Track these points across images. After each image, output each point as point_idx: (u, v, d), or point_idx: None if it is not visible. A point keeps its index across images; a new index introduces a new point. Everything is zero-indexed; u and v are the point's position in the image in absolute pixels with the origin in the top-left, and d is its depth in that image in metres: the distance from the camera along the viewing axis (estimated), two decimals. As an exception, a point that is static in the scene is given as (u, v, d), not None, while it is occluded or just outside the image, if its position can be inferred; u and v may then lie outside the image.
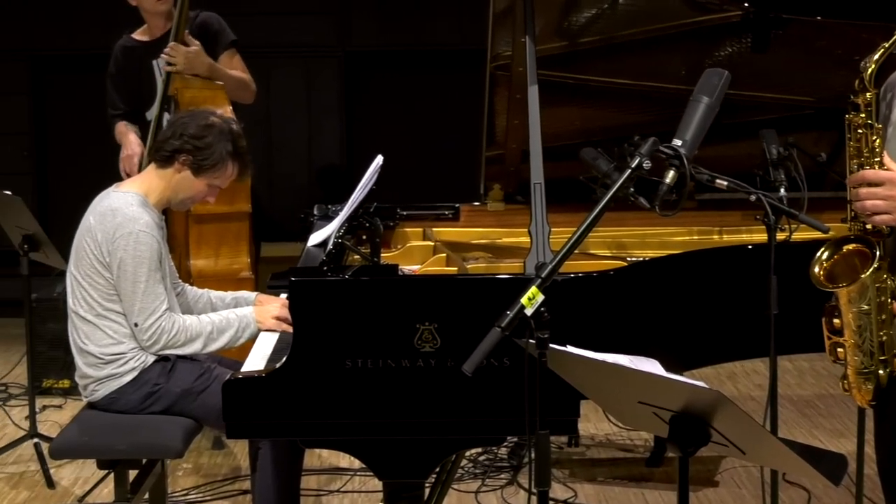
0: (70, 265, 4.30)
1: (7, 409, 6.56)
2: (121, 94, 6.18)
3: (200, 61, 5.80)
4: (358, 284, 3.61)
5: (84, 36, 8.68)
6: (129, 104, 6.17)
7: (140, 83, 6.07)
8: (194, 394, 4.17)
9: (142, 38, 6.14)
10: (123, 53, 6.17)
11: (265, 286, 4.79)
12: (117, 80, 6.20)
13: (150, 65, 6.01)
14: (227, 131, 4.29)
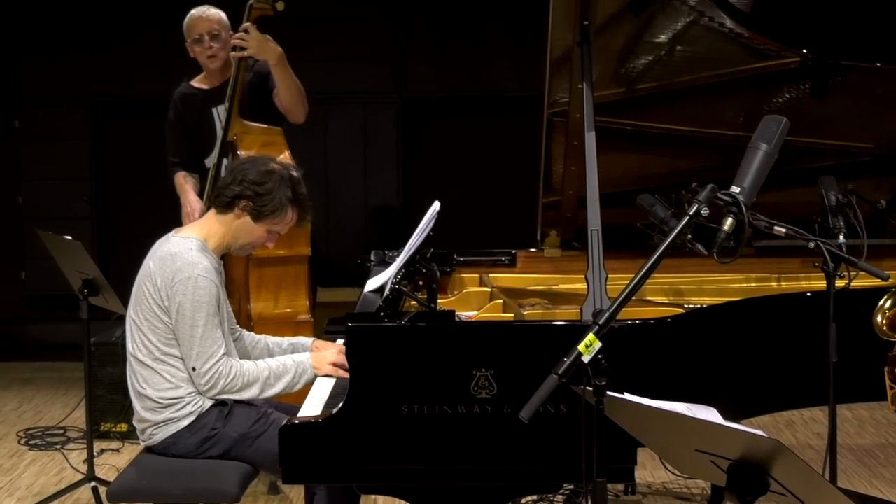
0: (129, 309, 4.33)
1: (65, 453, 6.60)
2: (180, 141, 6.22)
3: (271, 48, 5.82)
4: (415, 330, 3.61)
5: (143, 83, 8.77)
6: (188, 151, 6.20)
7: (200, 130, 6.11)
8: (251, 438, 4.17)
9: (201, 85, 6.19)
10: (183, 101, 6.22)
11: (321, 332, 4.80)
12: (176, 128, 6.24)
13: (209, 112, 6.05)
14: (286, 177, 4.31)
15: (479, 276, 5.04)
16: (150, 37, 8.73)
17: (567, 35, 4.41)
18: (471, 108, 8.96)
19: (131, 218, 8.95)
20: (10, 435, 7.03)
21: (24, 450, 6.75)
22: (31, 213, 8.96)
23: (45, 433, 7.01)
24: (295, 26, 8.35)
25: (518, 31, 8.57)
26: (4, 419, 7.43)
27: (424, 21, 8.78)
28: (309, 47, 8.63)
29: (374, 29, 8.77)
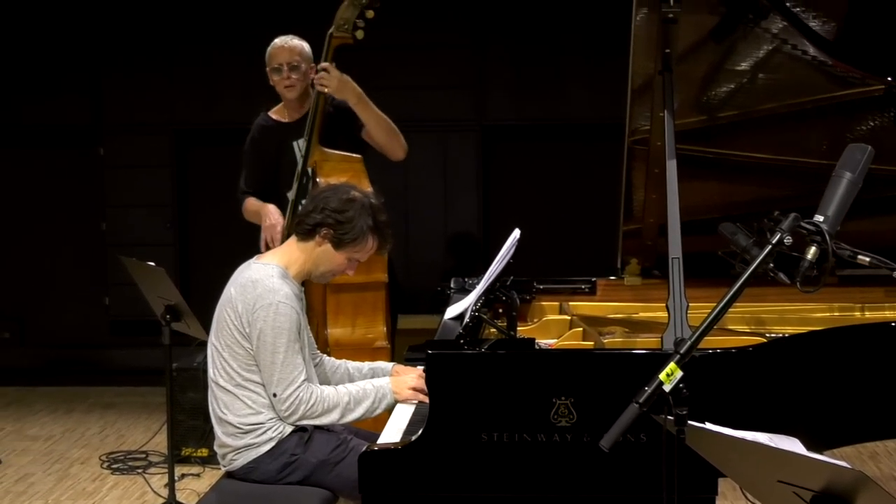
0: (211, 335, 4.37)
1: (147, 477, 6.65)
2: (255, 171, 6.25)
3: (351, 88, 5.86)
4: (494, 358, 3.61)
5: (225, 110, 8.86)
6: (262, 183, 6.22)
7: (278, 163, 6.13)
8: (331, 465, 4.18)
9: (279, 117, 6.20)
10: (261, 132, 6.25)
11: (401, 358, 4.81)
12: (252, 159, 6.27)
13: (289, 145, 6.07)
14: (367, 205, 4.33)
15: (558, 304, 5.03)
16: (232, 65, 8.82)
17: (648, 63, 4.41)
18: (550, 135, 8.96)
19: (213, 244, 9.02)
20: (93, 458, 7.11)
21: (107, 473, 6.82)
22: (115, 239, 9.07)
23: (127, 457, 7.08)
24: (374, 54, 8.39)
25: (597, 59, 8.56)
26: (87, 443, 7.52)
27: (504, 49, 8.79)
28: (389, 75, 8.68)
29: (454, 56, 8.80)
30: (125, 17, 9.02)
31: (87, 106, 9.12)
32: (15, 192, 9.40)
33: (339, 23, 5.83)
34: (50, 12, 9.08)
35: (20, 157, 9.41)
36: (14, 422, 8.13)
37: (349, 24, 5.81)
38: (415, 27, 8.78)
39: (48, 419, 8.21)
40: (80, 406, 8.58)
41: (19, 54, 9.14)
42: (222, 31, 8.92)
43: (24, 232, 9.41)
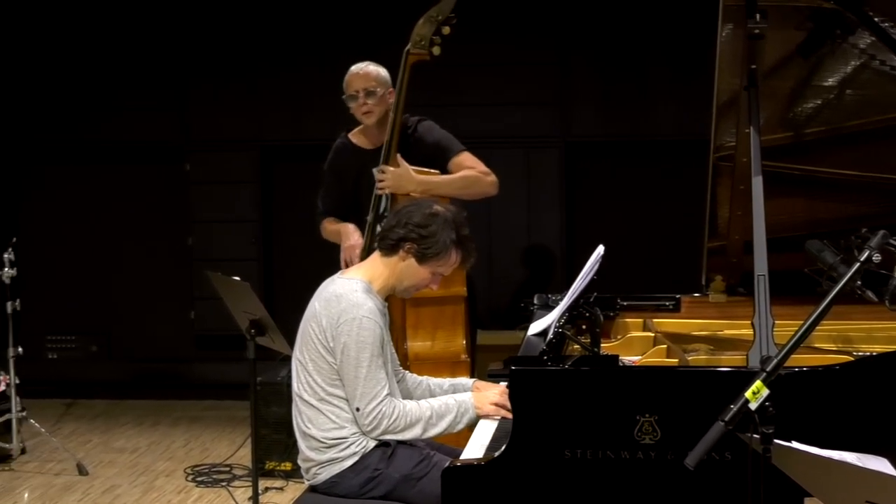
0: (295, 350, 4.39)
1: (231, 490, 6.71)
2: (333, 192, 6.25)
3: (409, 179, 5.84)
4: (578, 374, 3.60)
5: (311, 126, 8.90)
6: (339, 204, 6.23)
7: (357, 188, 6.12)
8: (413, 480, 4.19)
9: (359, 143, 6.18)
10: (339, 155, 6.25)
11: (481, 373, 4.81)
12: (331, 180, 6.28)
13: (369, 172, 6.04)
14: (450, 220, 4.34)
15: (642, 321, 5.00)
16: (318, 81, 8.86)
17: (734, 79, 4.39)
18: (634, 152, 8.92)
19: (298, 259, 9.07)
20: (178, 471, 7.17)
21: (192, 486, 6.88)
22: (201, 254, 9.14)
23: (211, 470, 7.14)
24: (459, 70, 8.43)
25: (682, 74, 8.51)
26: (172, 456, 7.59)
27: (588, 65, 8.77)
28: (472, 91, 8.70)
29: (538, 73, 8.79)
30: (212, 34, 9.11)
31: (174, 122, 9.22)
32: (103, 207, 9.52)
33: (415, 39, 5.85)
34: (138, 31, 9.19)
35: (109, 172, 9.52)
36: (101, 434, 8.23)
37: (426, 40, 5.83)
38: (499, 43, 8.78)
39: (134, 432, 8.30)
40: (165, 419, 8.67)
41: (108, 72, 9.26)
42: (308, 48, 8.97)
43: (112, 247, 9.52)
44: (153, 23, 9.18)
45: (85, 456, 7.48)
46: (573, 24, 8.72)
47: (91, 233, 9.53)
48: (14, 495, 6.76)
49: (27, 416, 7.33)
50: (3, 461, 7.35)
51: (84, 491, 6.82)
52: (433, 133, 6.10)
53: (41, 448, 7.66)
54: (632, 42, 8.67)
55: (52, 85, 9.35)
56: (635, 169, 8.93)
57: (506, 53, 8.79)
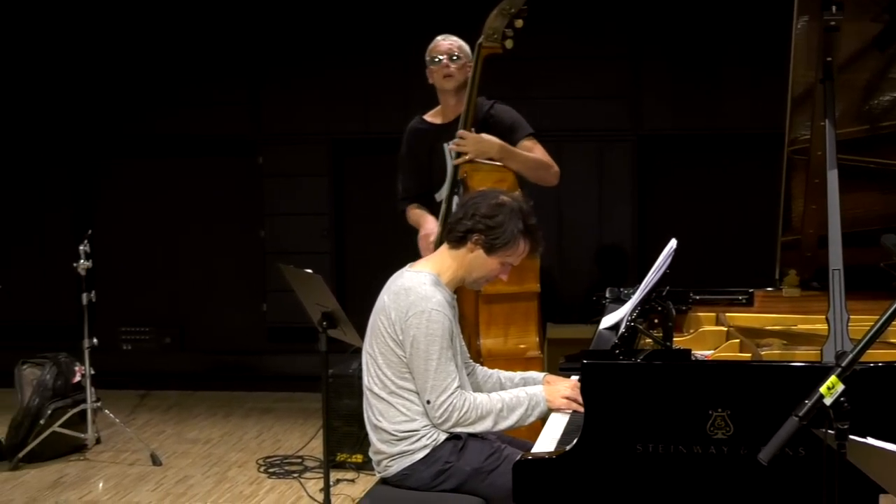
0: (365, 343, 4.41)
1: (302, 482, 6.74)
2: (410, 175, 6.29)
3: (490, 144, 5.88)
4: (650, 368, 3.58)
5: (381, 119, 8.93)
6: (418, 186, 6.26)
7: (430, 165, 6.17)
8: (484, 473, 4.19)
9: (433, 120, 6.25)
10: (415, 135, 6.29)
11: (553, 367, 4.80)
12: (407, 162, 6.31)
13: (440, 148, 6.11)
14: (517, 209, 4.34)
15: (715, 315, 4.97)
16: (388, 74, 8.89)
17: (808, 72, 4.34)
18: (707, 145, 8.86)
19: (369, 252, 9.10)
20: (250, 462, 7.23)
21: (264, 477, 6.93)
22: (273, 247, 9.20)
23: (283, 461, 7.18)
24: (530, 64, 8.42)
25: (756, 67, 8.45)
26: (245, 447, 7.65)
27: (660, 58, 8.72)
28: (544, 85, 8.68)
29: (610, 66, 8.75)
30: (284, 28, 9.16)
31: (247, 116, 9.28)
32: (177, 200, 9.60)
33: (487, 32, 5.86)
34: (212, 26, 9.26)
35: (183, 166, 9.61)
36: (175, 425, 8.31)
37: (498, 33, 5.83)
38: (571, 37, 8.76)
39: (207, 423, 8.37)
40: (238, 410, 8.74)
41: (183, 66, 9.34)
42: (378, 41, 9.00)
43: (186, 239, 9.61)
44: (227, 18, 9.24)
45: (158, 446, 7.56)
46: (645, 17, 8.68)
47: (165, 226, 9.62)
48: (89, 484, 6.85)
49: (102, 406, 7.41)
50: (79, 451, 7.44)
51: (157, 481, 6.89)
52: (510, 113, 6.14)
53: (115, 438, 7.75)
54: (704, 34, 8.61)
55: (127, 79, 9.44)
56: (708, 162, 8.87)
57: (578, 47, 8.77)
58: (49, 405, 7.25)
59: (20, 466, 7.14)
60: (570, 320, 8.04)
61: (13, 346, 8.79)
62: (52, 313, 9.58)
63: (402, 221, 6.33)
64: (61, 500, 6.53)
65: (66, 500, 6.53)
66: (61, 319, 9.29)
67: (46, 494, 6.66)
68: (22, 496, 6.62)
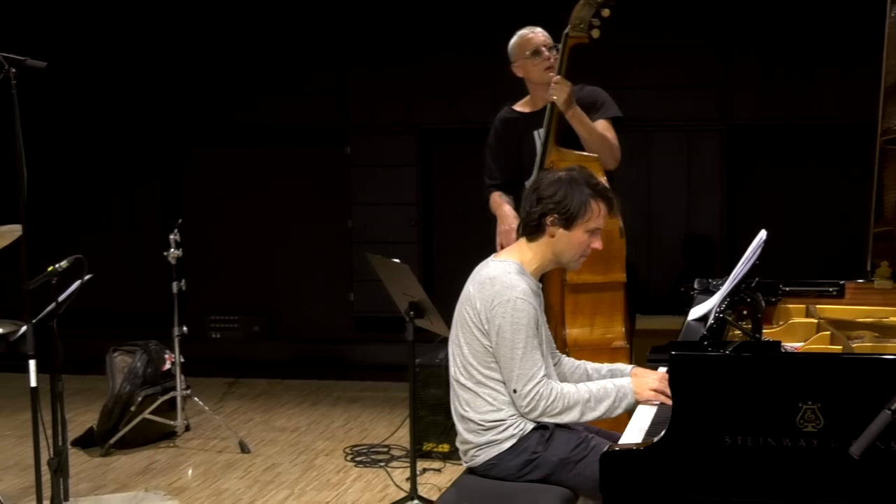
0: (452, 333, 4.41)
1: (389, 470, 6.77)
2: (499, 164, 6.30)
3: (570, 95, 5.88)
4: (739, 360, 3.55)
5: (468, 109, 8.93)
6: (505, 174, 6.27)
7: (519, 153, 6.17)
8: (571, 463, 4.18)
9: (523, 109, 6.25)
10: (504, 124, 6.30)
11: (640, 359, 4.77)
12: (496, 151, 6.32)
13: (530, 135, 6.11)
14: (576, 177, 4.32)
15: (805, 307, 4.92)
16: (475, 64, 8.89)
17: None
18: (797, 135, 8.75)
19: (456, 242, 9.11)
20: (338, 451, 7.27)
21: (350, 466, 6.96)
22: (361, 236, 9.24)
23: (370, 450, 7.22)
24: (617, 53, 8.37)
25: (847, 56, 8.33)
26: (332, 436, 7.69)
27: (750, 47, 8.64)
28: (632, 75, 8.63)
29: (699, 56, 8.68)
30: (371, 19, 9.19)
31: (336, 106, 9.32)
32: (265, 190, 9.67)
33: (574, 22, 5.84)
34: (300, 17, 9.31)
35: (271, 155, 9.68)
36: (263, 413, 8.38)
37: (585, 23, 5.81)
38: (659, 25, 8.71)
39: (295, 411, 8.43)
40: (325, 399, 8.79)
41: (272, 57, 9.41)
42: (465, 31, 9.00)
43: (274, 229, 9.68)
44: (316, 8, 9.29)
45: (247, 434, 7.62)
46: (734, 6, 8.59)
47: (253, 215, 9.70)
48: (178, 471, 6.92)
49: (191, 394, 7.49)
50: (169, 438, 7.53)
51: (245, 468, 6.96)
52: (599, 93, 6.18)
53: (204, 426, 7.83)
54: (795, 22, 8.51)
55: (216, 70, 9.53)
56: (798, 152, 8.77)
57: (666, 35, 8.71)
58: (139, 392, 7.34)
59: (111, 452, 7.24)
60: (658, 311, 7.98)
61: (105, 334, 8.92)
62: (142, 302, 9.69)
63: (489, 211, 6.33)
64: (151, 486, 6.61)
65: (155, 486, 6.61)
66: (152, 308, 9.40)
67: (137, 480, 6.74)
68: (113, 482, 6.72)
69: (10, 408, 8.28)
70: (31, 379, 5.12)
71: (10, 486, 6.61)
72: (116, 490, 6.57)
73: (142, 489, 6.57)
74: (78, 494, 6.37)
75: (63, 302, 5.61)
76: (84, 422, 7.74)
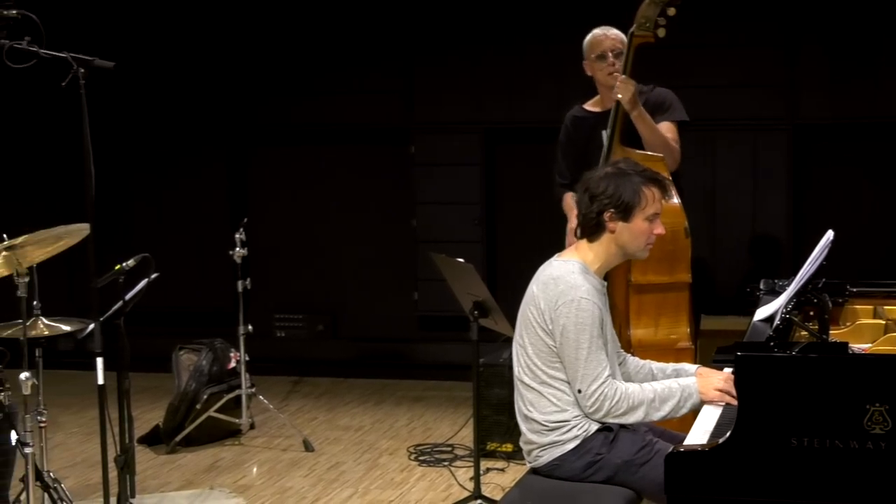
0: (515, 334, 4.41)
1: (452, 470, 6.77)
2: (568, 162, 6.29)
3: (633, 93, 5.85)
4: (806, 361, 3.52)
5: (534, 108, 8.91)
6: (575, 173, 6.26)
7: (588, 153, 6.16)
8: (636, 465, 4.17)
9: (593, 108, 6.25)
10: (574, 123, 6.29)
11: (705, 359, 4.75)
12: (566, 149, 6.32)
13: (598, 135, 6.10)
14: (623, 169, 4.33)
15: (872, 308, 4.86)
16: (540, 63, 8.87)
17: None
18: (865, 134, 8.66)
19: (520, 242, 9.09)
20: (401, 450, 7.28)
21: (414, 465, 6.97)
22: (425, 236, 9.24)
23: (433, 450, 7.22)
24: (681, 52, 8.32)
25: (917, 53, 8.25)
26: (396, 434, 7.71)
27: (816, 45, 8.55)
28: (697, 74, 8.57)
29: (764, 54, 8.61)
30: (437, 17, 9.19)
31: (400, 105, 9.33)
32: (329, 189, 9.70)
33: (640, 21, 5.82)
34: (366, 16, 9.34)
35: (335, 154, 9.71)
36: (327, 412, 8.41)
37: (650, 22, 5.79)
38: (724, 23, 8.64)
39: (359, 410, 8.45)
40: (389, 398, 8.80)
41: (336, 55, 9.43)
42: (530, 30, 8.98)
43: (338, 228, 9.70)
44: (380, 7, 9.31)
45: (311, 432, 7.65)
46: (800, 3, 8.52)
47: (317, 214, 9.73)
48: (243, 469, 6.97)
49: (256, 392, 7.53)
50: (233, 436, 7.58)
51: (310, 467, 6.99)
52: (666, 95, 6.18)
53: (269, 424, 7.87)
54: (863, 18, 8.42)
55: (282, 68, 9.58)
56: (866, 151, 8.67)
57: (732, 35, 8.65)
58: (205, 390, 7.40)
59: (177, 450, 7.29)
60: (724, 312, 7.92)
61: (171, 333, 8.97)
62: (208, 300, 9.75)
63: (554, 210, 6.33)
64: (216, 484, 6.66)
65: (220, 484, 6.65)
66: (217, 306, 9.44)
67: (202, 478, 6.79)
68: (179, 479, 6.77)
69: (77, 405, 8.36)
70: (99, 376, 5.16)
71: (76, 483, 6.67)
72: (182, 487, 6.62)
73: (207, 487, 6.62)
74: (144, 491, 6.43)
75: (130, 300, 5.67)
76: (150, 419, 7.80)
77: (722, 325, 7.51)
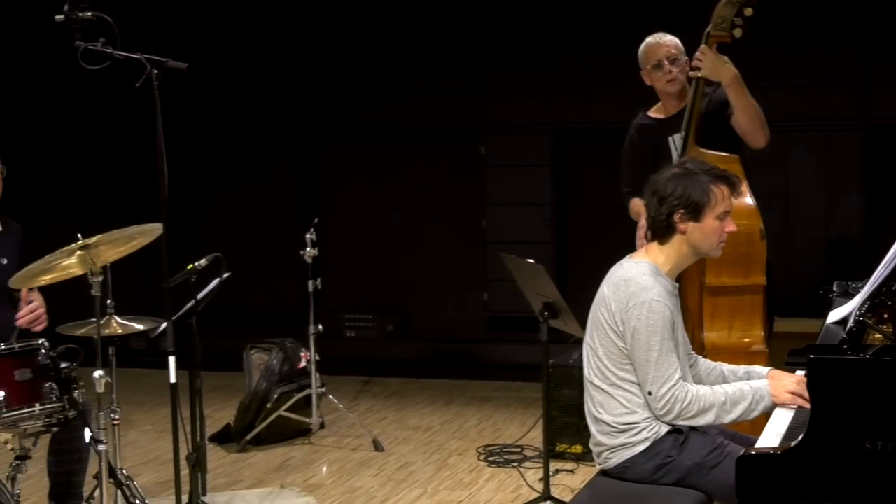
0: (586, 336, 4.40)
1: (522, 471, 6.76)
2: (634, 170, 6.24)
3: (725, 69, 5.78)
4: (880, 365, 3.48)
5: (603, 109, 8.89)
6: (641, 181, 6.21)
7: (655, 160, 6.11)
8: (706, 468, 4.14)
9: (657, 115, 6.21)
10: (639, 131, 6.25)
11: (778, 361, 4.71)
12: (632, 157, 6.28)
13: (665, 141, 6.05)
14: (689, 169, 4.31)
15: (949, 311, 4.80)
16: (610, 64, 8.84)
17: None
18: (942, 134, 8.57)
19: (590, 243, 9.08)
20: (471, 450, 7.28)
21: (483, 465, 6.98)
22: (495, 236, 9.25)
23: (503, 450, 7.22)
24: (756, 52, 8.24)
25: None
26: (465, 435, 7.71)
27: (890, 45, 8.46)
28: (770, 73, 8.49)
29: (838, 54, 8.54)
30: (508, 19, 9.20)
31: (471, 106, 9.34)
32: (400, 189, 9.74)
33: (716, 21, 5.77)
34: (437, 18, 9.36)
35: (406, 155, 9.75)
36: (396, 412, 8.43)
37: (727, 22, 5.74)
38: (797, 23, 8.58)
39: (428, 410, 8.47)
40: (458, 399, 8.80)
41: (408, 57, 9.47)
42: (601, 31, 8.96)
43: (408, 228, 9.73)
44: (451, 8, 9.32)
45: (380, 432, 7.67)
46: (874, 3, 8.43)
47: (388, 214, 9.77)
48: (313, 468, 7.00)
49: (326, 391, 7.56)
50: (304, 435, 7.61)
51: (379, 467, 7.01)
52: None
53: (339, 423, 7.90)
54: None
55: (352, 70, 9.62)
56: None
57: (806, 35, 8.59)
58: (276, 390, 7.44)
59: (248, 448, 7.34)
60: (797, 314, 7.86)
61: (242, 332, 9.03)
62: (279, 300, 9.82)
63: (625, 212, 6.30)
64: (286, 483, 6.69)
65: (291, 483, 6.69)
66: (288, 306, 9.50)
67: (272, 476, 6.83)
68: (250, 477, 6.81)
69: (150, 403, 8.44)
70: (171, 375, 5.20)
71: (149, 480, 6.74)
72: (252, 486, 6.67)
73: (277, 485, 6.66)
74: (215, 489, 6.47)
75: (202, 299, 5.71)
76: (221, 418, 7.86)
77: (795, 328, 7.44)
